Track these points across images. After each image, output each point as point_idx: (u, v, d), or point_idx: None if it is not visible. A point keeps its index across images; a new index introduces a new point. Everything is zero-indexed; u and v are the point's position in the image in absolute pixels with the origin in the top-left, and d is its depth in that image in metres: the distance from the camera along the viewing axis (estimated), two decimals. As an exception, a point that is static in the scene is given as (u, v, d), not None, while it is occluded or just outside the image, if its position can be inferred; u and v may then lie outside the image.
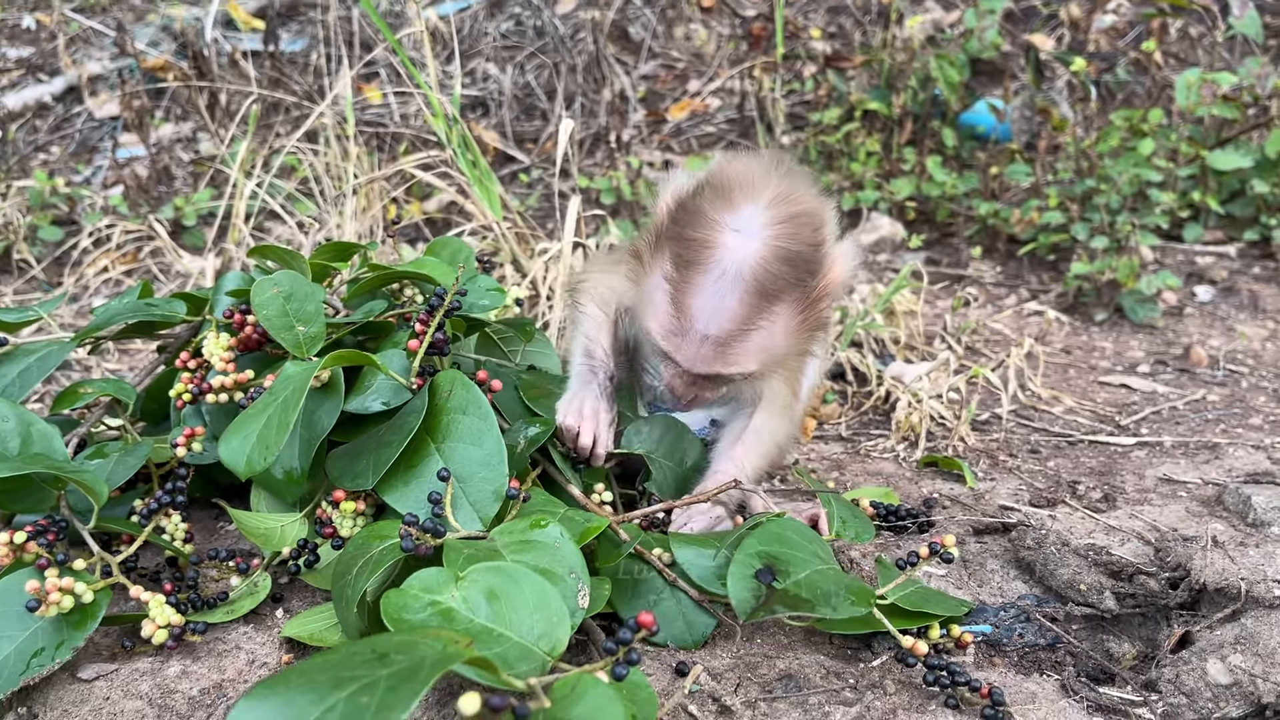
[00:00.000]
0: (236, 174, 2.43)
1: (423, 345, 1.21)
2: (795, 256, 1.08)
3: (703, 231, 1.09)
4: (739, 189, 1.10)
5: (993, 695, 0.96)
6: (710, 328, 1.09)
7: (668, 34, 3.92)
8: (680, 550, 1.11)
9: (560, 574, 0.98)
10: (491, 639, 0.87)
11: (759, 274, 1.07)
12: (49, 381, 2.02)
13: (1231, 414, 1.81)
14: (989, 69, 3.19)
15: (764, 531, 1.06)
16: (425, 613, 0.90)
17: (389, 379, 1.22)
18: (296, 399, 1.08)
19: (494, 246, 2.21)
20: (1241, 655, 1.01)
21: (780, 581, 1.00)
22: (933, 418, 1.76)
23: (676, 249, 1.11)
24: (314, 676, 0.67)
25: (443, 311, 1.22)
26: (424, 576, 0.93)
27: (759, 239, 1.07)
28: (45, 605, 1.01)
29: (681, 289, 1.10)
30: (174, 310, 1.43)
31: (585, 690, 0.78)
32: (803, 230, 1.10)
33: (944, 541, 1.05)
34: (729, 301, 1.08)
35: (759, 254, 1.07)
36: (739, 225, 1.08)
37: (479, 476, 1.11)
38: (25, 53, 3.95)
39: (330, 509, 1.19)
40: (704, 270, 1.08)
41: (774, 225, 1.08)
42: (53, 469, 1.12)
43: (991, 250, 2.76)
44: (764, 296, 1.08)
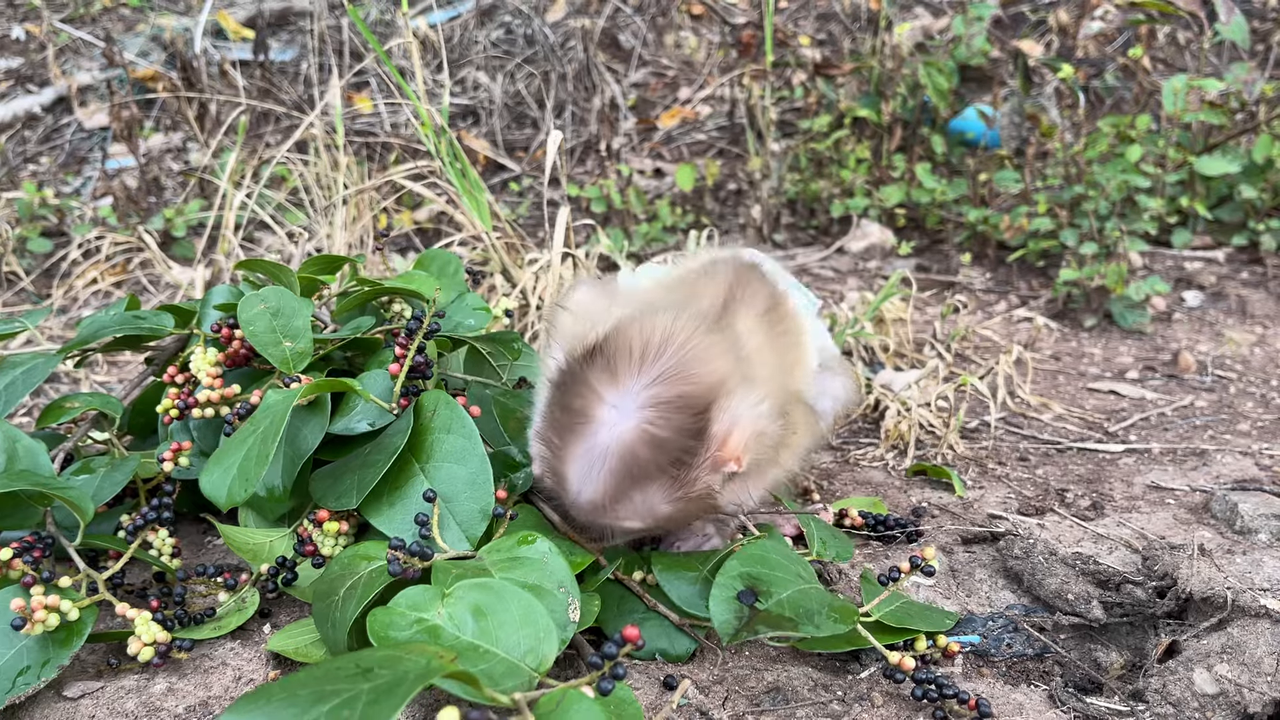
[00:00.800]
0: (226, 184, 2.43)
1: (403, 369, 1.21)
2: (664, 444, 1.01)
3: (581, 402, 1.03)
4: (630, 358, 1.03)
5: (979, 707, 0.96)
6: (581, 496, 1.04)
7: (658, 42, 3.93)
8: (662, 573, 1.11)
9: (550, 589, 0.98)
10: (478, 655, 0.87)
11: (624, 457, 1.00)
12: (36, 395, 2.01)
13: (1219, 420, 1.82)
14: (978, 75, 3.20)
15: (745, 553, 1.06)
16: (411, 630, 0.90)
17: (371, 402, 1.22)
18: (275, 429, 1.07)
19: (484, 256, 2.21)
20: (1228, 665, 1.02)
21: (763, 602, 1.00)
22: (922, 426, 1.76)
23: (556, 414, 1.06)
24: (296, 691, 0.68)
25: (421, 335, 1.22)
26: (410, 594, 0.94)
27: (631, 421, 1.00)
28: (31, 623, 1.01)
29: (558, 453, 1.04)
30: (162, 323, 1.42)
31: (570, 705, 0.78)
32: (678, 416, 1.01)
33: (924, 555, 1.05)
34: (596, 476, 1.02)
35: (627, 437, 1.00)
36: (616, 402, 1.01)
37: (465, 496, 1.11)
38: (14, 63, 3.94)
39: (312, 528, 1.19)
40: (578, 441, 1.02)
41: (649, 408, 1.01)
42: (38, 485, 1.12)
43: (981, 257, 2.77)
44: (630, 480, 1.02)
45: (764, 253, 2.82)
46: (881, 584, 1.08)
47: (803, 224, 3.08)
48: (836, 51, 3.60)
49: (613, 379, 1.02)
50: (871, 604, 1.06)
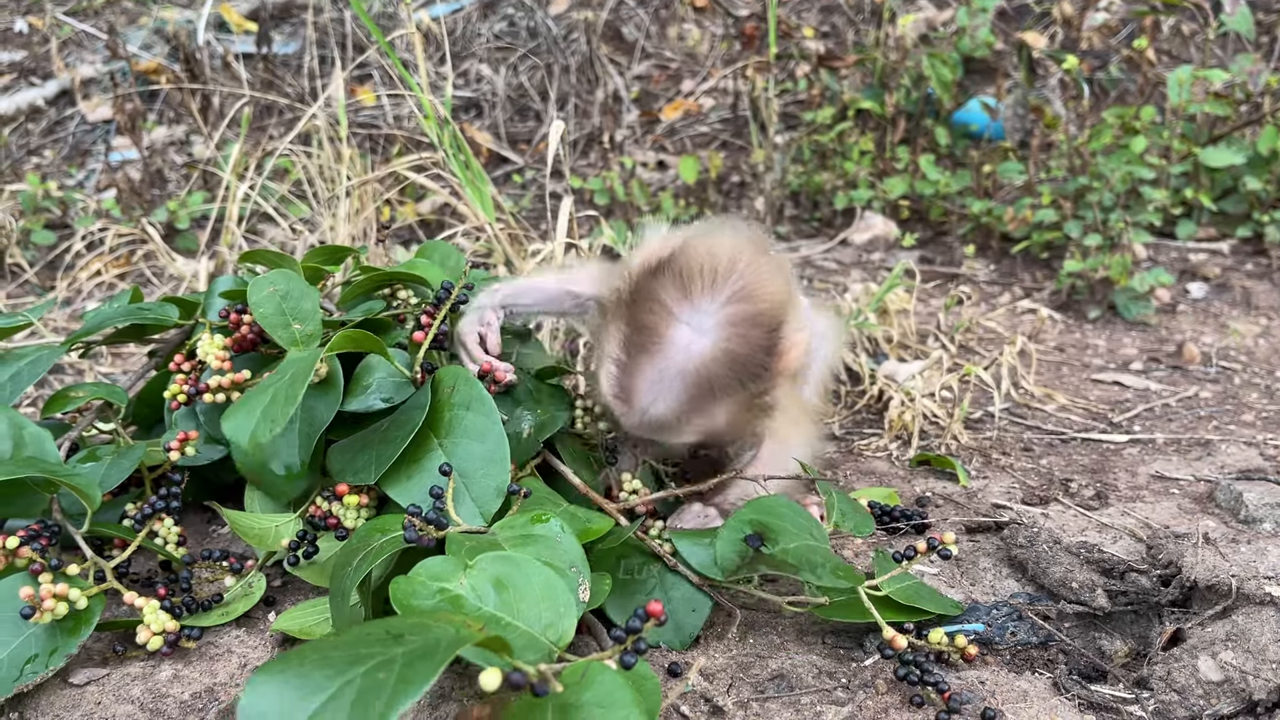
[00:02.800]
0: (229, 177, 2.43)
1: (428, 336, 1.22)
2: (744, 361, 1.06)
3: (655, 319, 1.06)
4: (700, 278, 1.06)
5: (950, 703, 0.96)
6: (649, 413, 1.07)
7: (661, 34, 3.92)
8: (679, 541, 1.13)
9: (561, 568, 0.99)
10: (499, 627, 0.87)
11: (703, 374, 1.05)
12: (41, 385, 2.01)
13: (1224, 411, 1.82)
14: (982, 67, 3.19)
15: (758, 504, 1.08)
16: (434, 599, 0.90)
17: (389, 376, 1.23)
18: (303, 377, 1.07)
19: (487, 248, 2.21)
20: (1233, 652, 1.02)
21: (768, 547, 1.01)
22: (926, 416, 1.76)
23: (630, 332, 1.08)
24: (328, 653, 0.67)
25: (449, 304, 1.23)
26: (431, 564, 0.94)
27: (709, 340, 1.05)
28: (40, 612, 1.01)
29: (628, 370, 1.08)
30: (166, 314, 1.43)
31: (595, 677, 0.79)
32: (754, 333, 1.06)
33: (943, 538, 1.05)
34: (671, 393, 1.06)
35: (706, 355, 1.04)
36: (691, 321, 1.05)
37: (481, 473, 1.12)
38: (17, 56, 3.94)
39: (332, 503, 1.19)
40: (650, 358, 1.05)
41: (726, 327, 1.05)
42: (45, 473, 1.12)
43: (985, 248, 2.77)
44: (704, 396, 1.06)
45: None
46: (896, 560, 1.08)
47: (806, 216, 3.08)
48: (840, 43, 3.60)
49: (686, 296, 1.06)
50: (884, 578, 1.06)
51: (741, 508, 1.08)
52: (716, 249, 1.09)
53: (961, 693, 0.99)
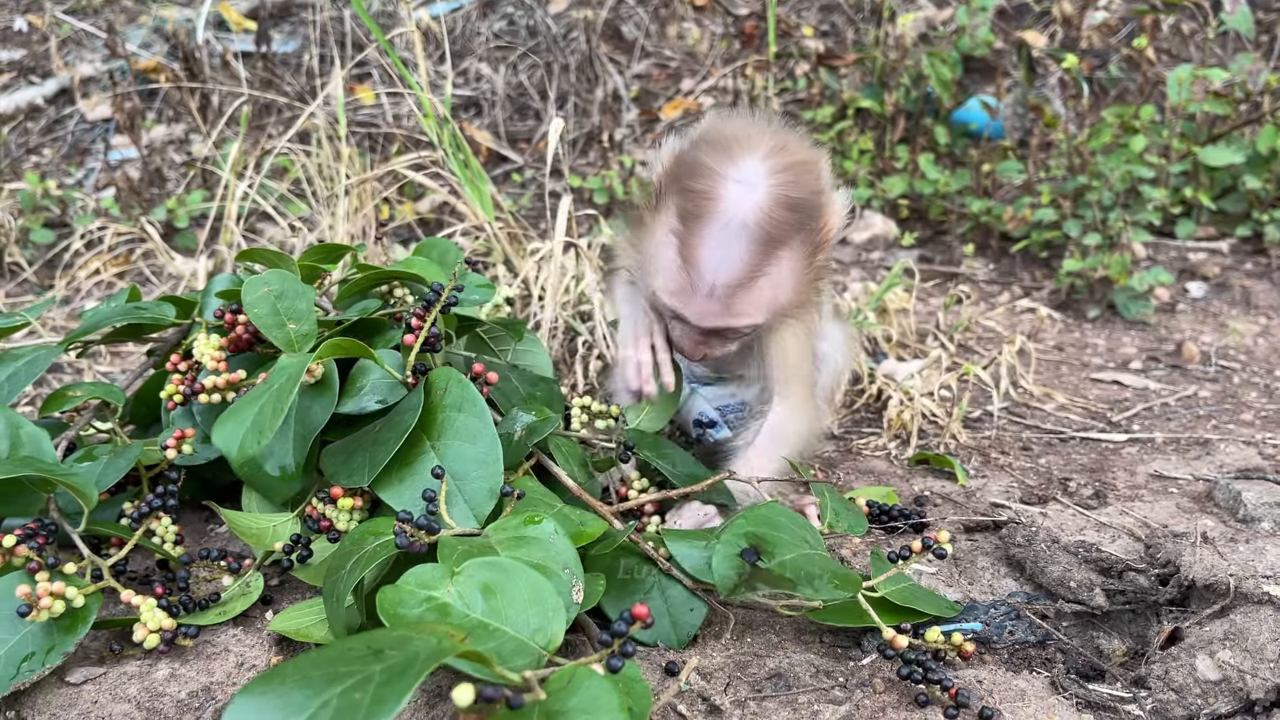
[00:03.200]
0: (228, 175, 2.43)
1: (419, 339, 1.21)
2: (798, 203, 1.10)
3: (705, 183, 1.10)
4: (737, 143, 1.12)
5: (958, 697, 0.96)
6: (719, 278, 1.11)
7: (660, 33, 3.92)
8: (673, 544, 1.12)
9: (554, 570, 0.99)
10: (487, 634, 0.87)
11: (764, 222, 1.08)
12: (38, 384, 2.01)
13: (1223, 410, 1.82)
14: (981, 66, 3.19)
15: (753, 514, 1.07)
16: (421, 608, 0.90)
17: (383, 378, 1.22)
18: (291, 385, 1.07)
19: (486, 247, 2.21)
20: (1230, 651, 1.01)
21: (765, 561, 1.01)
22: (924, 415, 1.76)
23: (680, 202, 1.12)
24: (309, 672, 0.68)
25: (439, 306, 1.23)
26: (419, 572, 0.93)
27: (762, 188, 1.09)
28: (36, 610, 1.01)
29: (688, 241, 1.11)
30: (163, 313, 1.43)
31: (581, 682, 0.78)
32: (803, 178, 1.12)
33: (938, 537, 1.05)
34: (736, 251, 1.09)
35: (763, 203, 1.09)
36: (740, 176, 1.09)
37: (474, 474, 1.12)
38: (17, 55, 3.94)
39: (326, 505, 1.19)
40: (709, 221, 1.09)
41: (775, 174, 1.10)
42: (42, 472, 1.12)
43: (984, 247, 2.76)
44: (770, 243, 1.10)
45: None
46: (891, 561, 1.08)
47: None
48: (840, 42, 3.59)
49: (730, 158, 1.10)
50: (879, 579, 1.06)
51: (736, 520, 1.07)
52: (741, 121, 1.17)
53: (960, 691, 0.99)
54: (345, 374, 1.25)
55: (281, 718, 0.65)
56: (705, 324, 1.17)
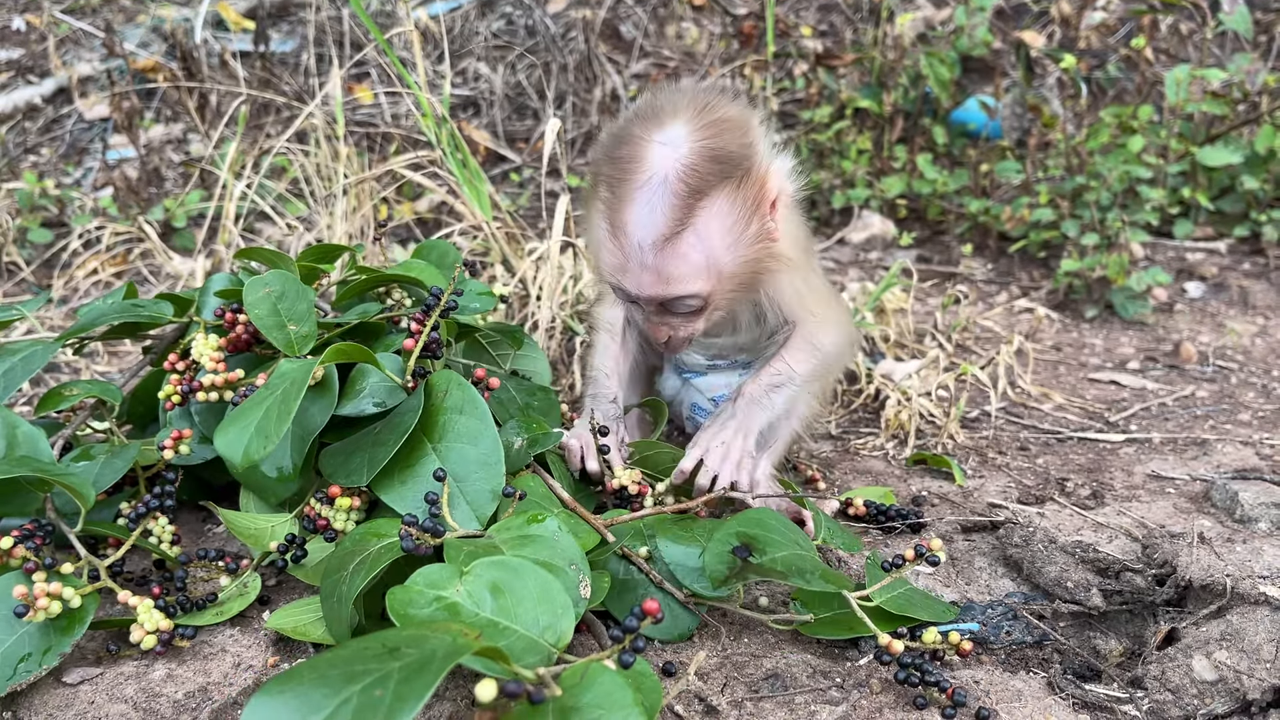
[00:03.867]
0: (226, 175, 2.43)
1: (418, 345, 1.21)
2: (721, 153, 1.10)
3: (630, 148, 1.12)
4: (665, 109, 1.14)
5: (955, 697, 0.96)
6: (645, 236, 1.11)
7: (659, 33, 3.92)
8: (667, 547, 1.12)
9: (561, 567, 0.99)
10: (497, 632, 0.87)
11: (683, 174, 1.09)
12: (35, 384, 2.01)
13: (1220, 410, 1.82)
14: (980, 66, 3.19)
15: (745, 516, 1.08)
16: (431, 608, 0.90)
17: (382, 381, 1.22)
18: (297, 391, 1.07)
19: (484, 246, 2.21)
20: (1227, 652, 1.02)
21: (756, 558, 1.02)
22: (922, 415, 1.76)
23: (609, 172, 1.14)
24: (325, 672, 0.68)
25: (438, 312, 1.23)
26: (428, 573, 0.94)
27: (684, 146, 1.10)
28: (33, 611, 1.01)
29: (615, 207, 1.12)
30: (160, 311, 1.42)
31: (594, 678, 0.79)
32: (728, 133, 1.12)
33: (930, 545, 1.05)
34: (659, 206, 1.10)
35: (684, 157, 1.10)
36: (664, 139, 1.11)
37: (476, 476, 1.12)
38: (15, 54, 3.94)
39: (324, 505, 1.19)
40: (633, 182, 1.11)
41: (698, 131, 1.11)
42: (39, 471, 1.12)
43: (982, 247, 2.77)
44: (691, 195, 1.09)
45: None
46: (885, 570, 1.08)
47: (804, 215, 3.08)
48: (838, 42, 3.59)
49: (657, 123, 1.12)
50: (874, 588, 1.06)
51: (728, 521, 1.08)
52: (672, 91, 1.18)
53: (957, 691, 0.99)
54: (344, 376, 1.25)
55: (301, 717, 0.65)
56: (645, 293, 1.16)
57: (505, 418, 1.30)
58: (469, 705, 0.96)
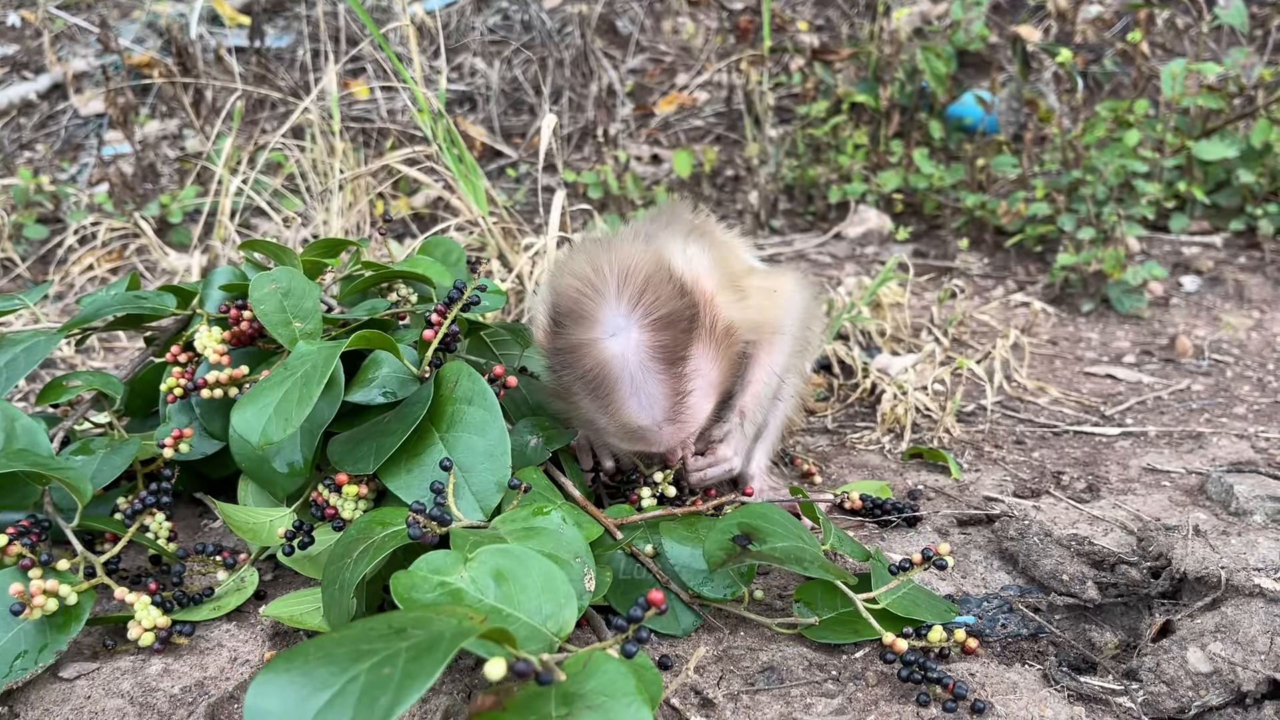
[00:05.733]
0: (222, 171, 2.43)
1: (438, 336, 1.21)
2: (672, 317, 1.10)
3: (589, 359, 1.10)
4: (586, 300, 1.11)
5: (955, 690, 0.97)
6: (656, 416, 1.12)
7: (655, 28, 3.92)
8: (672, 548, 1.13)
9: (565, 559, 0.99)
10: (500, 619, 0.87)
11: (655, 354, 1.09)
12: (32, 380, 2.01)
13: (1216, 403, 1.82)
14: (976, 61, 3.19)
15: (747, 509, 1.09)
16: (435, 593, 0.91)
17: (394, 372, 1.22)
18: (320, 375, 1.07)
19: (481, 242, 2.21)
20: (1222, 643, 1.02)
21: (756, 546, 1.02)
22: (918, 409, 1.76)
23: (584, 384, 1.13)
24: (331, 650, 0.67)
25: (460, 305, 1.23)
26: (432, 558, 0.94)
27: (633, 329, 1.09)
28: (29, 608, 1.01)
29: (613, 410, 1.12)
30: (163, 303, 1.42)
31: (598, 665, 0.79)
32: (661, 293, 1.11)
33: (938, 549, 1.06)
34: (654, 390, 1.10)
35: (642, 340, 1.09)
36: (611, 331, 1.09)
37: (482, 467, 1.12)
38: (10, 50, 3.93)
39: (332, 493, 1.19)
40: (615, 385, 1.10)
41: (636, 309, 1.09)
42: (37, 465, 1.12)
43: (978, 242, 2.77)
44: (673, 364, 1.11)
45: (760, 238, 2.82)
46: (892, 573, 1.08)
47: (800, 210, 3.08)
48: (834, 37, 3.59)
49: (593, 320, 1.10)
50: (880, 590, 1.07)
51: (732, 513, 1.09)
52: (580, 271, 1.14)
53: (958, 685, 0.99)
54: (351, 367, 1.25)
55: (306, 694, 0.64)
56: (670, 444, 1.19)
57: (518, 416, 1.30)
58: (465, 699, 0.97)
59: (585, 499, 1.21)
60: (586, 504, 1.19)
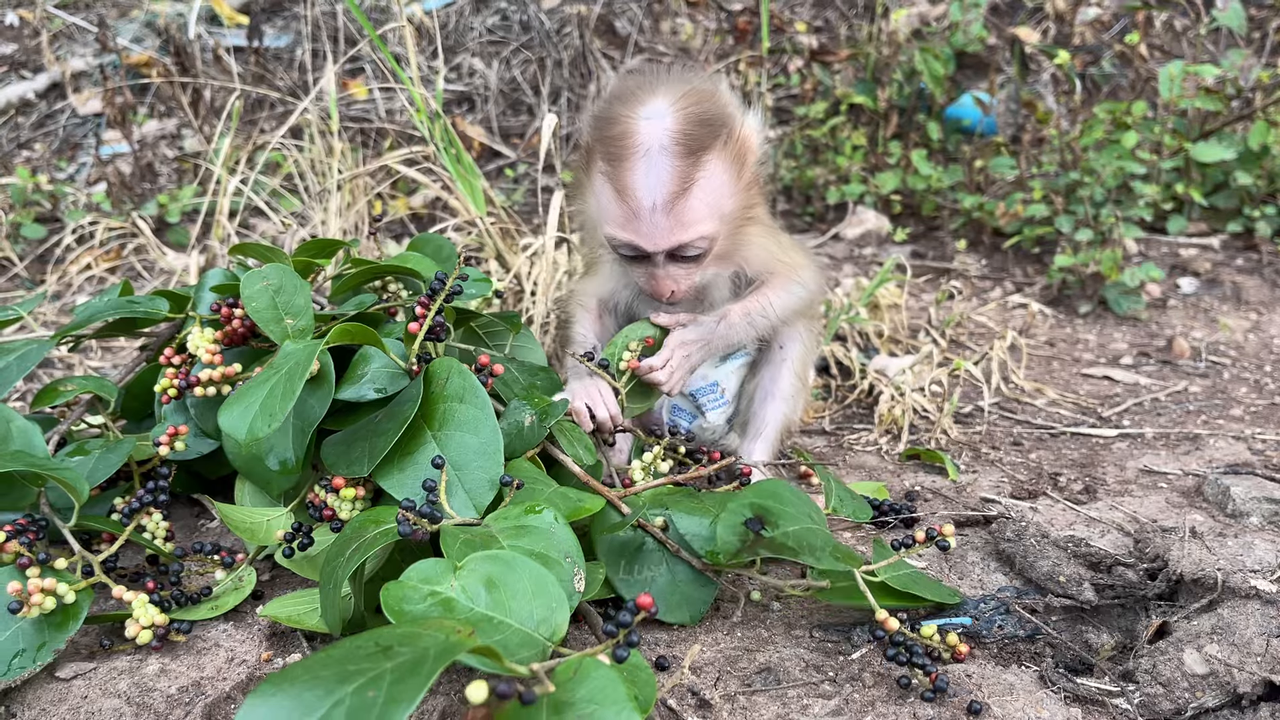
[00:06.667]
0: (220, 170, 2.42)
1: (423, 328, 1.22)
2: (704, 116, 1.24)
3: (621, 127, 1.24)
4: (640, 89, 1.26)
5: (937, 683, 0.97)
6: (658, 196, 1.22)
7: (654, 28, 3.92)
8: (680, 519, 1.14)
9: (556, 558, 0.99)
10: (492, 627, 0.87)
11: (679, 138, 1.22)
12: (30, 379, 2.01)
13: (1213, 405, 1.82)
14: (974, 62, 3.19)
15: (758, 487, 1.10)
16: (425, 603, 0.91)
17: (383, 366, 1.22)
18: (301, 371, 1.08)
19: (479, 242, 2.21)
20: (1218, 645, 1.02)
21: (769, 531, 1.03)
22: (916, 411, 1.76)
23: (605, 150, 1.26)
24: (319, 672, 0.68)
25: (443, 295, 1.23)
26: (422, 567, 0.94)
27: (669, 116, 1.23)
28: (27, 607, 1.01)
29: (620, 177, 1.24)
30: (156, 308, 1.42)
31: (588, 673, 0.79)
32: (703, 100, 1.25)
33: (943, 529, 1.06)
34: (663, 169, 1.22)
35: (673, 125, 1.22)
36: (649, 114, 1.23)
37: (474, 464, 1.12)
38: (8, 49, 3.92)
39: (328, 494, 1.19)
40: (633, 154, 1.22)
41: (677, 103, 1.24)
42: (33, 466, 1.12)
43: (976, 243, 2.77)
44: (691, 153, 1.22)
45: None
46: (894, 549, 1.09)
47: (799, 210, 3.08)
48: (833, 38, 3.59)
49: (637, 102, 1.25)
50: (880, 564, 1.07)
51: (742, 491, 1.11)
52: (643, 74, 1.32)
53: (948, 685, 0.99)
54: (342, 364, 1.25)
55: (295, 718, 0.65)
56: (660, 243, 1.26)
57: (510, 397, 1.30)
58: (462, 700, 0.97)
59: (588, 474, 1.20)
60: (590, 480, 1.19)
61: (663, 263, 1.29)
